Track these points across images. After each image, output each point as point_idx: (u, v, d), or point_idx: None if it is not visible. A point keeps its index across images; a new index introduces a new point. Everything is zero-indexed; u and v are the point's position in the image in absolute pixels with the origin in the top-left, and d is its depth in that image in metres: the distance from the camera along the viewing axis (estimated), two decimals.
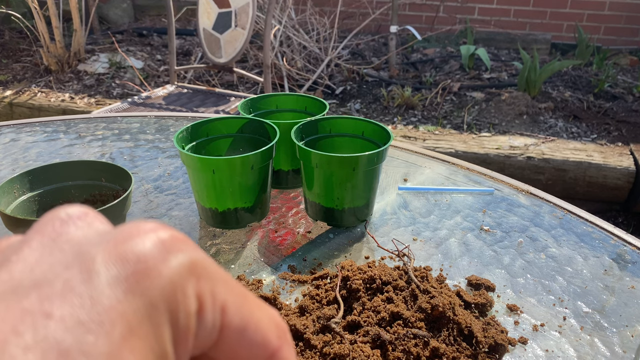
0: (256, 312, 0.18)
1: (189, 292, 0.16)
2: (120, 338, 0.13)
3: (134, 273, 0.15)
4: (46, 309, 0.13)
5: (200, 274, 0.16)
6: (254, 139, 0.69)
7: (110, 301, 0.14)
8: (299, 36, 3.06)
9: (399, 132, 2.45)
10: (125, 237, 0.15)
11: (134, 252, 0.15)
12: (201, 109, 1.83)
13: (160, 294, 0.15)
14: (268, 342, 0.18)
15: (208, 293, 0.16)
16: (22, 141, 0.92)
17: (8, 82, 3.04)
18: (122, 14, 4.07)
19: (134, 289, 0.14)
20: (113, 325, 0.13)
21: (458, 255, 0.62)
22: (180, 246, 0.16)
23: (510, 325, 0.51)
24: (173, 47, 1.98)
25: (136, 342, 0.14)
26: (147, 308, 0.14)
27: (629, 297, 0.56)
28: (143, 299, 0.14)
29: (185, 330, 0.16)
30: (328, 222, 0.67)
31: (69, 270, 0.14)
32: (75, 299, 0.13)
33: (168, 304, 0.15)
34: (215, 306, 0.17)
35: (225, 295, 0.17)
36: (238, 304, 0.17)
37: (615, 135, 2.46)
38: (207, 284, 0.16)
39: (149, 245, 0.15)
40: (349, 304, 0.50)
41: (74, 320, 0.13)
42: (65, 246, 0.15)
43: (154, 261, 0.15)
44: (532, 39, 3.43)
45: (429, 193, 0.75)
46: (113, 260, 0.15)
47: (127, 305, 0.14)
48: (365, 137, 0.69)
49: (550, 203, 0.74)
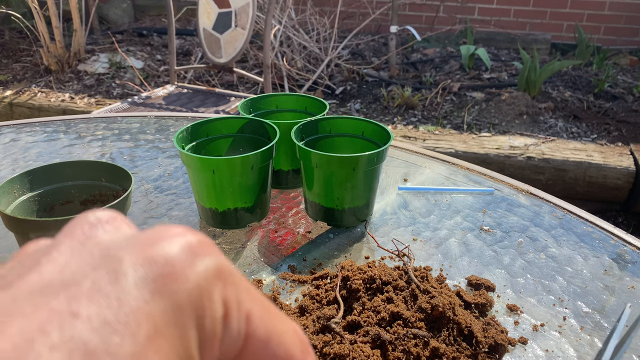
0: (280, 324, 0.18)
1: (216, 297, 0.16)
2: (146, 339, 0.13)
3: (161, 275, 0.15)
4: (73, 308, 0.13)
5: (227, 279, 0.16)
6: (254, 139, 0.69)
7: (137, 302, 0.14)
8: (299, 36, 3.06)
9: (399, 132, 2.45)
10: (153, 240, 0.15)
11: (161, 254, 0.15)
12: (201, 109, 1.83)
13: (187, 297, 0.15)
14: (291, 355, 0.18)
15: (234, 299, 0.16)
16: (22, 141, 0.92)
17: (8, 82, 3.04)
18: (122, 14, 4.07)
19: (161, 290, 0.14)
20: (139, 325, 0.13)
21: (458, 255, 0.62)
22: (208, 250, 0.16)
23: (510, 325, 0.51)
24: (173, 47, 1.98)
25: (162, 343, 0.14)
26: (173, 310, 0.14)
27: (629, 297, 0.56)
28: (170, 301, 0.14)
29: (212, 335, 0.15)
30: (328, 222, 0.67)
31: (96, 271, 0.14)
32: (103, 300, 0.14)
33: (195, 307, 0.15)
34: (240, 313, 0.16)
35: (249, 303, 0.17)
36: (262, 314, 0.17)
37: (615, 135, 2.46)
38: (233, 290, 0.16)
39: (176, 249, 0.15)
40: (349, 304, 0.50)
41: (101, 321, 0.13)
42: (94, 249, 0.15)
43: (181, 264, 0.15)
44: (532, 39, 3.43)
45: (429, 193, 0.75)
46: (141, 262, 0.15)
47: (154, 307, 0.14)
48: (365, 137, 0.69)
49: (550, 203, 0.74)
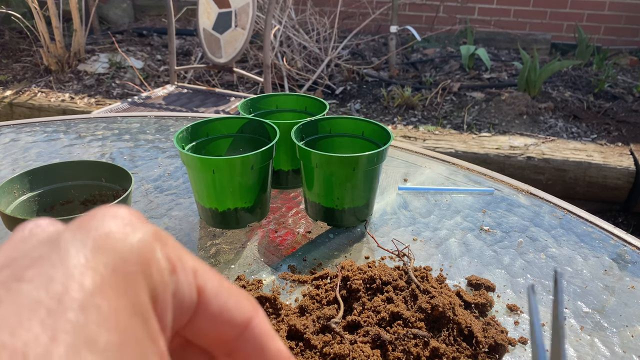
0: (225, 281, 0.18)
1: (158, 252, 0.16)
2: (92, 286, 0.14)
3: (100, 236, 0.15)
4: (17, 275, 0.13)
5: (166, 241, 0.17)
6: (254, 139, 0.69)
7: (78, 260, 0.14)
8: (299, 36, 3.06)
9: (399, 132, 2.45)
10: (88, 216, 0.16)
11: (98, 223, 0.15)
12: (201, 109, 1.83)
13: (129, 250, 0.15)
14: (243, 306, 0.18)
15: (176, 257, 0.17)
16: (22, 141, 0.92)
17: (8, 82, 3.04)
18: (122, 14, 4.07)
19: (101, 247, 0.15)
20: (83, 276, 0.14)
21: (458, 255, 0.62)
22: (143, 221, 0.16)
23: (510, 325, 0.51)
24: (173, 47, 1.98)
25: (108, 290, 0.14)
26: (117, 262, 0.15)
27: (629, 297, 0.56)
28: (112, 254, 0.15)
29: (162, 285, 0.16)
30: (328, 222, 0.67)
31: (37, 249, 0.15)
32: (46, 264, 0.14)
33: (138, 258, 0.15)
34: (186, 269, 0.17)
35: (192, 262, 0.17)
36: (207, 273, 0.18)
37: (615, 135, 2.46)
38: (174, 250, 0.17)
39: (112, 219, 0.16)
40: (349, 304, 0.50)
41: (44, 279, 0.13)
42: (34, 241, 0.16)
43: (118, 227, 0.16)
44: (532, 39, 3.43)
45: (429, 193, 0.75)
46: (78, 231, 0.15)
47: (96, 261, 0.14)
48: (365, 137, 0.69)
49: (550, 203, 0.74)
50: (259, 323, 0.19)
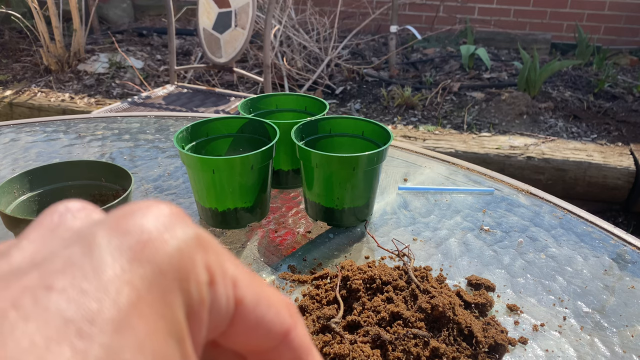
0: (266, 289, 0.17)
1: (198, 262, 0.15)
2: (128, 304, 0.13)
3: (137, 242, 0.14)
4: (47, 282, 0.12)
5: (207, 247, 0.15)
6: (254, 139, 0.69)
7: (114, 270, 0.13)
8: (299, 36, 3.06)
9: (399, 132, 2.45)
10: (125, 214, 0.15)
11: (136, 224, 0.14)
12: (201, 108, 1.83)
13: (167, 262, 0.14)
14: (283, 318, 0.17)
15: (217, 266, 0.15)
16: (22, 141, 0.92)
17: (8, 82, 3.04)
18: (122, 13, 4.07)
19: (139, 257, 0.14)
20: (119, 292, 0.13)
21: (458, 255, 0.62)
22: (184, 220, 0.15)
23: (510, 325, 0.51)
24: (173, 47, 1.98)
25: (145, 308, 0.13)
26: (154, 276, 0.13)
27: (629, 297, 0.56)
28: (150, 267, 0.13)
29: (199, 301, 0.15)
30: (328, 222, 0.67)
31: (68, 249, 0.14)
32: (77, 272, 0.13)
33: (177, 271, 0.14)
34: (226, 280, 0.16)
35: (234, 270, 0.16)
36: (248, 280, 0.17)
37: (615, 135, 2.46)
38: (215, 257, 0.16)
39: (151, 219, 0.15)
40: (349, 304, 0.50)
41: (77, 291, 0.12)
42: (65, 234, 0.15)
43: (158, 232, 0.14)
44: (532, 38, 3.43)
45: (429, 193, 0.75)
46: (114, 234, 0.14)
47: (133, 274, 0.13)
48: (365, 137, 0.69)
49: (550, 203, 0.74)
50: (297, 335, 0.18)
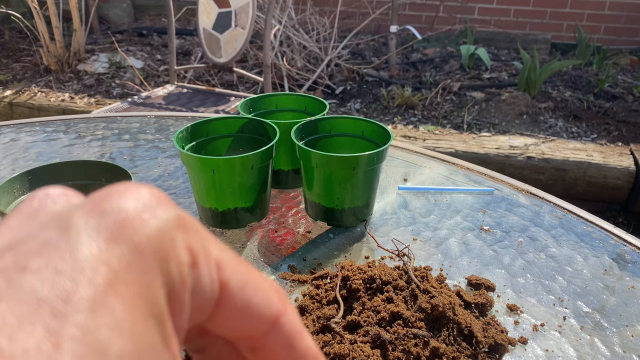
0: (253, 273, 0.17)
1: (179, 242, 0.14)
2: (104, 283, 0.12)
3: (115, 222, 0.13)
4: (21, 263, 0.12)
5: (189, 228, 0.15)
6: (253, 138, 0.69)
7: (90, 249, 0.13)
8: (299, 36, 3.06)
9: (399, 132, 2.45)
10: (103, 196, 0.14)
11: (114, 205, 0.14)
12: (201, 108, 1.83)
13: (146, 242, 0.13)
14: (271, 302, 0.17)
15: (200, 247, 0.15)
16: (22, 141, 0.92)
17: (8, 82, 3.04)
18: (122, 13, 4.07)
19: (116, 237, 0.13)
20: (94, 271, 0.12)
21: (458, 255, 0.62)
22: (165, 202, 0.15)
23: (510, 325, 0.51)
24: (173, 47, 1.98)
25: (122, 287, 0.12)
26: (132, 255, 0.13)
27: (629, 297, 0.56)
28: (128, 246, 0.13)
29: (180, 282, 0.14)
30: (328, 222, 0.67)
31: (45, 231, 0.13)
32: (53, 252, 0.12)
33: (156, 251, 0.13)
34: (209, 261, 0.15)
35: (218, 252, 0.16)
36: (234, 264, 0.16)
37: (615, 135, 2.46)
38: (197, 238, 0.15)
39: (130, 200, 0.14)
40: (349, 304, 0.50)
41: (52, 270, 0.12)
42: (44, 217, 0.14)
43: (136, 212, 0.14)
44: (532, 38, 3.43)
45: (429, 193, 0.75)
46: (92, 215, 0.13)
47: (110, 253, 0.13)
48: (365, 137, 0.69)
49: (550, 203, 0.74)
50: (287, 320, 0.17)
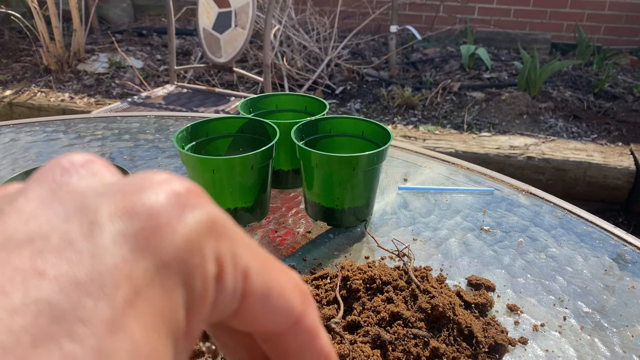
0: (279, 276, 0.16)
1: (208, 253, 0.14)
2: (125, 303, 0.11)
3: (143, 229, 0.13)
4: (39, 266, 0.11)
5: (220, 233, 0.14)
6: (253, 138, 0.69)
7: (114, 259, 0.12)
8: (299, 36, 3.06)
9: (399, 131, 2.45)
10: (134, 189, 0.13)
11: (144, 205, 0.13)
12: (201, 108, 1.83)
13: (173, 255, 0.13)
14: (292, 308, 0.17)
15: (229, 256, 0.14)
16: (21, 141, 0.92)
17: (8, 81, 3.04)
18: (121, 13, 4.07)
19: (144, 247, 0.12)
20: (116, 287, 0.11)
21: (458, 255, 0.62)
22: (197, 201, 0.14)
23: (510, 325, 0.51)
24: (173, 47, 1.98)
25: (143, 307, 0.12)
26: (157, 270, 0.12)
27: (629, 297, 0.56)
28: (154, 259, 0.12)
29: (202, 298, 0.13)
30: (328, 222, 0.67)
31: (68, 223, 0.12)
32: (74, 256, 0.12)
33: (183, 266, 0.13)
34: (236, 271, 0.15)
35: (247, 258, 0.15)
36: (261, 269, 0.16)
37: (615, 135, 2.46)
38: (228, 245, 0.14)
39: (162, 198, 0.13)
40: (348, 304, 0.50)
41: (71, 281, 0.11)
42: (67, 198, 0.13)
43: (167, 217, 0.13)
44: (532, 38, 3.43)
45: (429, 193, 0.75)
46: (120, 214, 0.13)
47: (135, 266, 0.12)
48: (365, 137, 0.69)
49: (550, 203, 0.73)
50: (306, 322, 0.17)
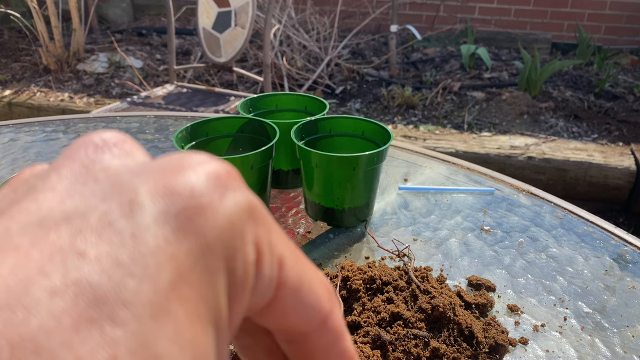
0: (309, 271, 0.16)
1: (248, 237, 0.13)
2: (168, 285, 0.11)
3: (186, 208, 0.12)
4: (79, 246, 0.11)
5: (258, 219, 0.14)
6: (253, 138, 0.69)
7: (157, 240, 0.11)
8: (299, 35, 3.06)
9: (399, 131, 2.45)
10: (173, 168, 0.13)
11: (185, 185, 0.12)
12: (201, 108, 1.83)
13: (217, 236, 0.12)
14: (322, 305, 0.16)
15: (266, 242, 0.14)
16: (21, 141, 0.92)
17: (7, 81, 3.03)
18: (121, 13, 4.07)
19: (186, 227, 0.12)
20: (160, 269, 0.11)
21: (458, 256, 0.62)
22: (237, 184, 0.14)
23: (510, 325, 0.51)
24: (172, 47, 1.98)
25: (187, 290, 0.11)
26: (201, 251, 0.12)
27: (630, 297, 0.55)
28: (197, 240, 0.12)
29: (243, 282, 0.13)
30: (328, 222, 0.67)
31: (106, 202, 0.12)
32: (114, 236, 0.11)
33: (225, 248, 0.12)
34: (273, 258, 0.14)
35: (281, 248, 0.15)
36: (294, 260, 0.15)
37: (616, 135, 2.46)
38: (265, 232, 0.14)
39: (202, 179, 0.13)
40: (349, 304, 0.50)
41: (112, 261, 0.11)
42: (101, 175, 0.13)
43: (209, 197, 0.13)
44: (533, 38, 3.43)
45: (430, 193, 0.75)
46: (161, 193, 0.12)
47: (178, 247, 0.12)
48: (365, 137, 0.69)
49: (550, 203, 0.73)
50: (333, 321, 0.17)
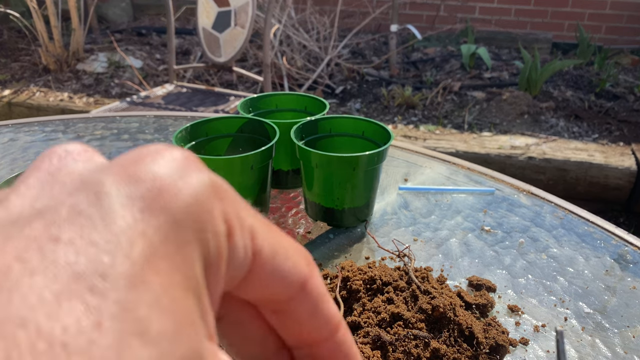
0: (282, 239, 0.17)
1: (216, 213, 0.14)
2: (142, 258, 0.11)
3: (150, 190, 0.13)
4: (52, 233, 0.11)
5: (223, 195, 0.14)
6: (253, 138, 0.69)
7: (125, 220, 0.12)
8: (299, 35, 3.06)
9: (399, 131, 2.45)
10: (134, 160, 0.13)
11: (147, 171, 0.13)
12: (200, 108, 1.83)
13: (184, 211, 0.13)
14: (300, 269, 0.17)
15: (234, 216, 0.15)
16: (20, 141, 0.91)
17: (6, 81, 3.03)
18: (121, 13, 4.07)
19: (152, 207, 0.12)
20: (132, 245, 0.11)
21: (459, 256, 0.62)
22: (197, 166, 0.14)
23: (511, 326, 0.51)
24: (172, 47, 1.97)
25: (160, 262, 0.12)
26: (170, 227, 0.12)
27: (631, 298, 0.55)
28: (164, 217, 0.12)
29: (217, 254, 0.13)
30: (328, 222, 0.67)
31: (73, 196, 0.12)
32: (85, 222, 0.12)
33: (194, 222, 0.13)
34: (244, 230, 0.15)
35: (251, 220, 0.15)
36: (265, 230, 0.16)
37: (616, 135, 2.46)
38: (232, 206, 0.15)
39: (163, 164, 0.13)
40: (349, 304, 0.49)
41: (86, 242, 0.11)
42: (67, 178, 0.13)
43: (172, 178, 0.13)
44: (533, 38, 3.43)
45: (430, 193, 0.75)
46: (125, 182, 0.13)
47: (147, 224, 0.12)
48: (365, 137, 0.69)
49: (551, 203, 0.73)
50: (313, 285, 0.17)
